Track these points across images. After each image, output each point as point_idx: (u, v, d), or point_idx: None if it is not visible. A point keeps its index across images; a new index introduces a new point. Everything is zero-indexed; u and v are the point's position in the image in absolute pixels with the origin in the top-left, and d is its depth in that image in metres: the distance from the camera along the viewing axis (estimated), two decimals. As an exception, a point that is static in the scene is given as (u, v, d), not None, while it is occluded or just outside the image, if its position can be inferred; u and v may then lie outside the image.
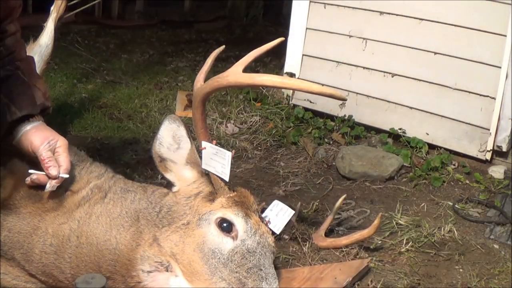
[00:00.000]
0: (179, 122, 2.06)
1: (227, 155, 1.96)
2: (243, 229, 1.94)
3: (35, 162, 1.96)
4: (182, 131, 2.06)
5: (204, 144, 2.02)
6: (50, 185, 1.92)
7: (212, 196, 2.01)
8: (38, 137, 1.94)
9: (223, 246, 1.91)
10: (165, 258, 1.92)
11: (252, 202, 2.06)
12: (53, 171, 1.90)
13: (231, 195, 2.02)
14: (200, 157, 2.06)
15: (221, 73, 1.96)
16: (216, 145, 2.02)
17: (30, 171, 1.93)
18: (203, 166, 2.03)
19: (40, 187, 2.01)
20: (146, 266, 1.92)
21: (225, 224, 1.93)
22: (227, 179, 2.00)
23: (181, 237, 1.93)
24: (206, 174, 2.06)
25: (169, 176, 2.07)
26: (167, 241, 1.93)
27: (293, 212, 2.17)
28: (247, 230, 1.94)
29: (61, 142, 1.97)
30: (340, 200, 2.69)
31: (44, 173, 1.91)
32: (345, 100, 1.94)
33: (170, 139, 2.06)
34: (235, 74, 1.93)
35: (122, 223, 1.97)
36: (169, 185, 2.09)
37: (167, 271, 1.92)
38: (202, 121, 2.05)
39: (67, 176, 1.93)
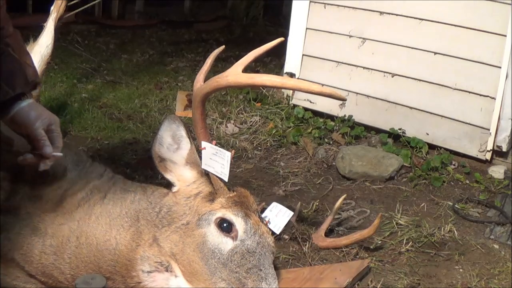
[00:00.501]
0: (178, 122, 2.06)
1: (227, 155, 1.96)
2: (242, 229, 1.94)
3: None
4: (181, 131, 2.06)
5: (204, 144, 2.02)
6: (44, 164, 1.90)
7: (212, 196, 2.01)
8: (32, 115, 1.91)
9: (222, 246, 1.91)
10: (165, 258, 1.92)
11: (252, 202, 2.06)
12: (47, 150, 1.87)
13: (230, 195, 2.02)
14: (200, 157, 2.06)
15: (220, 73, 1.96)
16: (215, 145, 2.02)
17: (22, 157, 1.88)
18: (203, 166, 2.03)
19: (40, 186, 2.01)
20: (146, 267, 1.92)
21: (225, 224, 1.93)
22: (226, 179, 2.00)
23: (181, 237, 1.93)
24: (206, 174, 2.06)
25: (169, 176, 2.06)
26: (167, 241, 1.93)
27: (292, 213, 2.17)
28: (247, 230, 1.95)
29: (53, 120, 1.95)
30: (340, 200, 2.69)
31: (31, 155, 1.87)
32: (345, 100, 1.94)
33: (170, 139, 2.06)
34: (235, 74, 1.93)
35: (122, 223, 1.98)
36: (169, 185, 2.09)
37: (167, 271, 1.92)
38: (202, 121, 2.05)
39: (60, 154, 1.92)
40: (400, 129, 3.83)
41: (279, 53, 4.62)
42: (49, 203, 2.00)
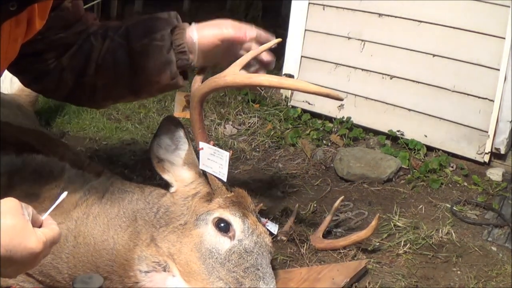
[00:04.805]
0: (177, 123, 2.07)
1: (225, 155, 1.96)
2: (240, 229, 1.94)
3: None
4: (180, 132, 2.07)
5: (202, 144, 2.02)
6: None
7: (209, 197, 2.01)
8: (211, 27, 1.98)
9: (220, 246, 1.91)
10: (162, 258, 1.92)
11: (250, 202, 2.06)
12: (252, 33, 1.98)
13: (228, 195, 2.02)
14: (198, 158, 2.06)
15: (218, 74, 1.96)
16: (213, 145, 2.02)
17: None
18: (201, 167, 2.03)
19: (37, 184, 2.01)
20: (143, 266, 1.92)
21: (222, 224, 1.93)
22: (225, 179, 2.00)
23: (178, 237, 1.93)
24: (204, 175, 2.06)
25: (166, 176, 2.07)
26: (165, 241, 1.93)
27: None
28: (245, 230, 1.94)
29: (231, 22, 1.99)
30: (338, 201, 2.69)
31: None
32: (341, 100, 1.93)
33: (168, 140, 2.07)
34: (233, 74, 1.92)
35: (119, 223, 1.97)
36: (167, 185, 2.09)
37: (165, 271, 1.91)
38: (200, 122, 2.04)
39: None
40: (398, 131, 3.83)
41: (277, 54, 4.57)
42: (46, 201, 2.00)
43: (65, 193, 1.49)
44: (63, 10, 1.95)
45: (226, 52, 2.01)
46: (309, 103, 4.18)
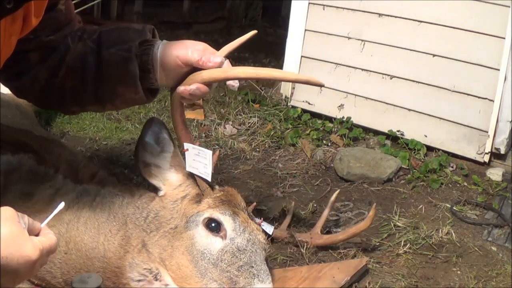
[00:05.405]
0: (160, 125, 2.00)
1: (208, 154, 1.91)
2: (231, 228, 1.90)
3: None
4: (164, 134, 2.00)
5: (186, 145, 1.97)
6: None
7: (198, 198, 1.97)
8: (178, 47, 1.88)
9: (212, 247, 1.88)
10: (154, 265, 1.88)
11: (240, 200, 2.02)
12: (217, 59, 1.85)
13: (217, 194, 1.98)
14: (184, 159, 2.02)
15: (195, 72, 1.90)
16: (198, 145, 1.98)
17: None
18: (187, 168, 1.98)
19: (32, 184, 1.99)
20: (135, 275, 1.88)
21: (213, 224, 1.90)
22: (209, 179, 1.95)
23: (169, 241, 1.90)
24: (192, 176, 2.02)
25: (154, 181, 2.01)
26: (156, 247, 1.90)
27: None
28: (236, 228, 1.91)
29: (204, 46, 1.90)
30: (335, 194, 2.65)
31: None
32: (323, 85, 1.88)
33: (153, 143, 2.00)
34: (209, 70, 1.87)
35: (110, 228, 1.94)
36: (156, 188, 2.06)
37: (156, 280, 1.88)
38: (182, 123, 1.98)
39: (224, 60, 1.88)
40: (398, 131, 3.83)
41: (277, 54, 4.61)
42: (39, 202, 1.97)
43: (62, 204, 1.48)
44: (57, 11, 1.94)
45: (189, 75, 1.92)
46: (309, 103, 4.18)
